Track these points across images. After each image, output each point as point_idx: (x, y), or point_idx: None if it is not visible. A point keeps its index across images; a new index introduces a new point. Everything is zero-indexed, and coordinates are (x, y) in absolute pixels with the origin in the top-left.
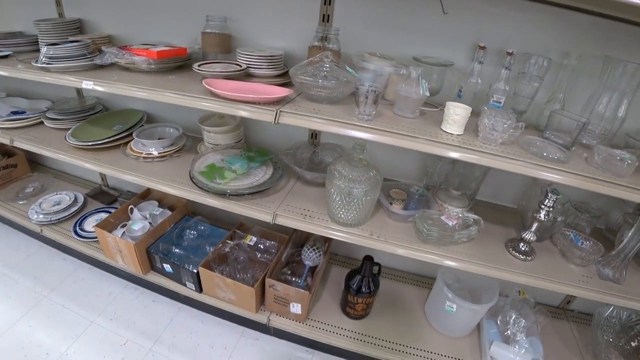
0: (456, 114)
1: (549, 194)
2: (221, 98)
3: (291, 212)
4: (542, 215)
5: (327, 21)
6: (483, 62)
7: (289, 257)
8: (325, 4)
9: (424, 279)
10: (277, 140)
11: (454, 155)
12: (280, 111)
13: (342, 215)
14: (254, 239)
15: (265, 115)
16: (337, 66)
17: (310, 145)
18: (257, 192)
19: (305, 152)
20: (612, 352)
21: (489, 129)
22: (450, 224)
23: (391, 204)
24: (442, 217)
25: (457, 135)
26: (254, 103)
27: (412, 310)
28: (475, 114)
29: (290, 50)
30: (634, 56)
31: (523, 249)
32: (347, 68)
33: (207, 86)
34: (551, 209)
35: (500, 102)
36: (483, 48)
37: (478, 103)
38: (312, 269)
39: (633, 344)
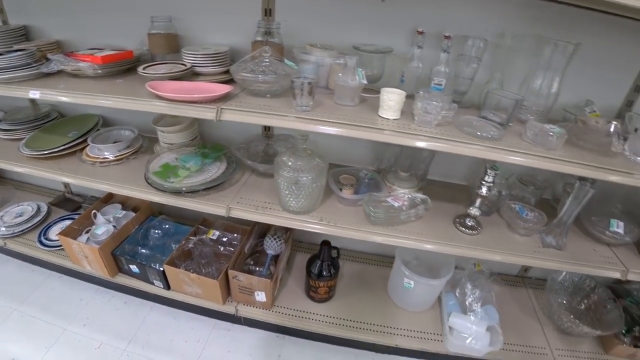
0: (390, 100)
1: (488, 170)
2: (164, 100)
3: (245, 205)
4: (483, 191)
5: (270, 15)
6: (422, 47)
7: (252, 248)
8: None
9: (385, 259)
10: (233, 134)
11: (390, 139)
12: (222, 108)
13: (293, 204)
14: (217, 233)
15: (207, 113)
16: (276, 60)
17: (264, 138)
18: (211, 188)
19: (259, 145)
20: (563, 313)
21: (422, 112)
22: (397, 205)
23: (341, 189)
24: (389, 199)
25: (394, 120)
26: (194, 102)
27: (375, 289)
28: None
29: (237, 46)
30: (564, 34)
31: (469, 223)
32: (286, 61)
33: (150, 89)
34: (492, 184)
35: (441, 85)
36: (421, 33)
37: (421, 86)
38: (275, 258)
39: (584, 304)
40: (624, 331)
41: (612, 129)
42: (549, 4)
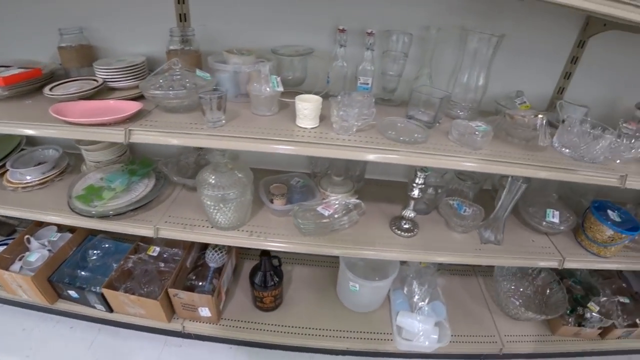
0: (305, 109)
1: (418, 172)
2: (71, 124)
3: (173, 224)
4: (415, 193)
5: (185, 20)
6: (346, 45)
7: (194, 262)
8: (179, 3)
9: (334, 259)
10: (164, 147)
11: (307, 151)
12: (130, 130)
13: (221, 220)
14: (157, 249)
15: (115, 136)
16: (188, 71)
17: (195, 149)
18: (139, 208)
19: (190, 157)
20: (509, 300)
21: (340, 119)
22: (327, 214)
23: (272, 200)
24: (319, 208)
25: (312, 128)
26: (103, 125)
27: (325, 292)
28: None
29: (155, 55)
30: (493, 24)
31: (405, 226)
32: (198, 72)
33: (54, 114)
34: (423, 185)
35: (367, 84)
36: (343, 31)
37: (349, 86)
38: (218, 270)
39: (532, 288)
40: (568, 311)
41: (538, 123)
42: None
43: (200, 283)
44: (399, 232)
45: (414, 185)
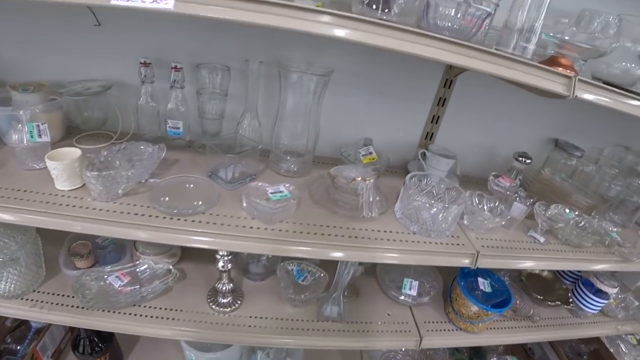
0: (54, 168)
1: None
2: None
3: None
4: (220, 265)
5: None
6: (154, 81)
7: (13, 320)
8: None
9: None
10: None
11: (54, 224)
12: None
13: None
14: None
15: None
16: None
17: None
18: None
19: None
20: None
21: (98, 184)
22: (118, 285)
23: (74, 262)
24: (111, 277)
25: (69, 190)
26: None
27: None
28: None
29: None
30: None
31: (223, 300)
32: None
33: None
34: (229, 256)
35: (178, 128)
36: (147, 65)
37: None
38: (39, 331)
39: None
40: None
41: (359, 188)
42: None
43: (17, 347)
44: (215, 307)
45: (218, 256)
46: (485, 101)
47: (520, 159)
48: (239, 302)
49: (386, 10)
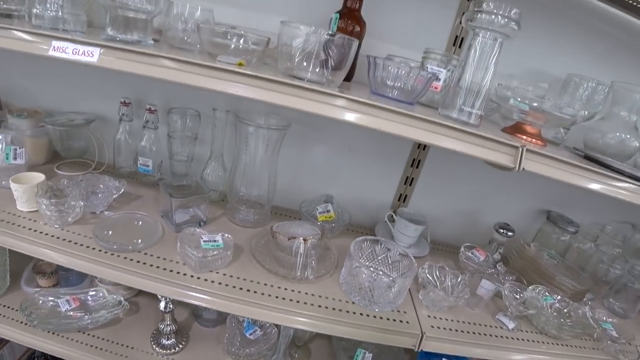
0: (15, 190)
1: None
2: None
3: None
4: (161, 306)
5: None
6: (133, 120)
7: None
8: None
9: None
10: None
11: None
12: None
13: None
14: None
15: None
16: None
17: None
18: None
19: None
20: None
21: (47, 206)
22: (64, 309)
23: (37, 279)
24: (61, 300)
25: (27, 212)
26: None
27: None
28: None
29: None
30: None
31: (166, 342)
32: None
33: None
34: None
35: (148, 166)
36: (127, 104)
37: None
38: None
39: None
40: None
41: (294, 248)
42: None
43: None
44: (155, 347)
45: (159, 296)
46: (465, 165)
47: (502, 230)
48: (181, 346)
49: (317, 70)
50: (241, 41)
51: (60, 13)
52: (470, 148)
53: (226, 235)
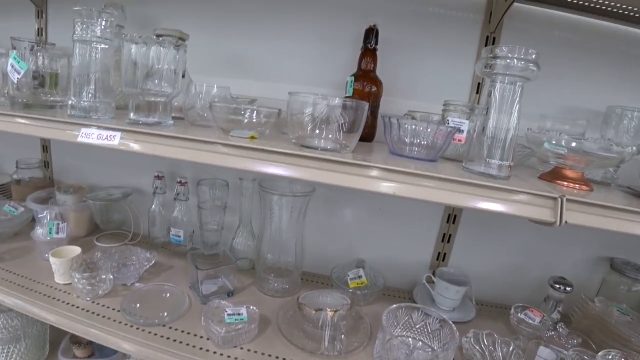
0: (53, 263)
1: None
2: None
3: None
4: None
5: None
6: (166, 192)
7: None
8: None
9: None
10: None
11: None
12: None
13: None
14: None
15: None
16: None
17: None
18: None
19: None
20: None
21: (81, 279)
22: None
23: (73, 349)
24: None
25: (63, 284)
26: None
27: None
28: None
29: None
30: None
31: None
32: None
33: None
34: None
35: (179, 236)
36: (160, 178)
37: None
38: None
39: None
40: None
41: (321, 321)
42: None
43: None
44: None
45: None
46: (505, 216)
47: (558, 285)
48: None
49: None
50: (254, 115)
51: (92, 102)
52: (501, 205)
53: (251, 307)
